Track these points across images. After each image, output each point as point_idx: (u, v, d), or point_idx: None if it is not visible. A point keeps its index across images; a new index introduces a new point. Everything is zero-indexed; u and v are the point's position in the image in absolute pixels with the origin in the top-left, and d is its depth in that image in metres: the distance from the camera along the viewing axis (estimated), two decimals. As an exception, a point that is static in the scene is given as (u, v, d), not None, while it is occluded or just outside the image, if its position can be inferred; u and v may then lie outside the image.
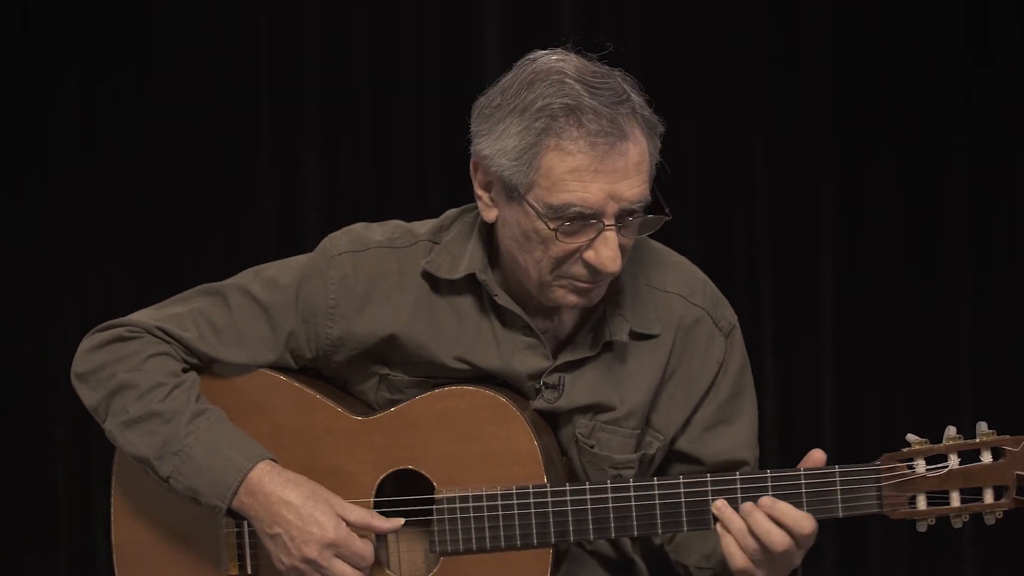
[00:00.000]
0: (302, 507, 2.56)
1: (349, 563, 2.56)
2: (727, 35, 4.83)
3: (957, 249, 4.79)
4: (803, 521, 2.44)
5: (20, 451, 4.89)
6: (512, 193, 2.47)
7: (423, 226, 2.69)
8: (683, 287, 2.68)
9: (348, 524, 2.58)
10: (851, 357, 4.81)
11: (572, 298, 2.53)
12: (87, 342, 2.69)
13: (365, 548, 2.57)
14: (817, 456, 2.49)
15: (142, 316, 2.70)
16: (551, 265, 2.49)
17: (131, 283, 4.85)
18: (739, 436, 2.69)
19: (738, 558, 2.45)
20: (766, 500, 2.45)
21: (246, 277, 2.71)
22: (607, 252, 2.45)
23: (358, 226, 2.71)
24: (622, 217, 2.45)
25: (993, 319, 4.78)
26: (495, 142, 2.46)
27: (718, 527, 2.48)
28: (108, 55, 4.83)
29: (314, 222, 4.76)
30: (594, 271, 2.48)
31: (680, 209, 4.75)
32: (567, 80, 2.43)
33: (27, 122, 4.84)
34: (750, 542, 2.45)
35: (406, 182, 4.77)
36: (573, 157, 2.41)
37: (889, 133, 4.78)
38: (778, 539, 2.43)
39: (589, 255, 2.46)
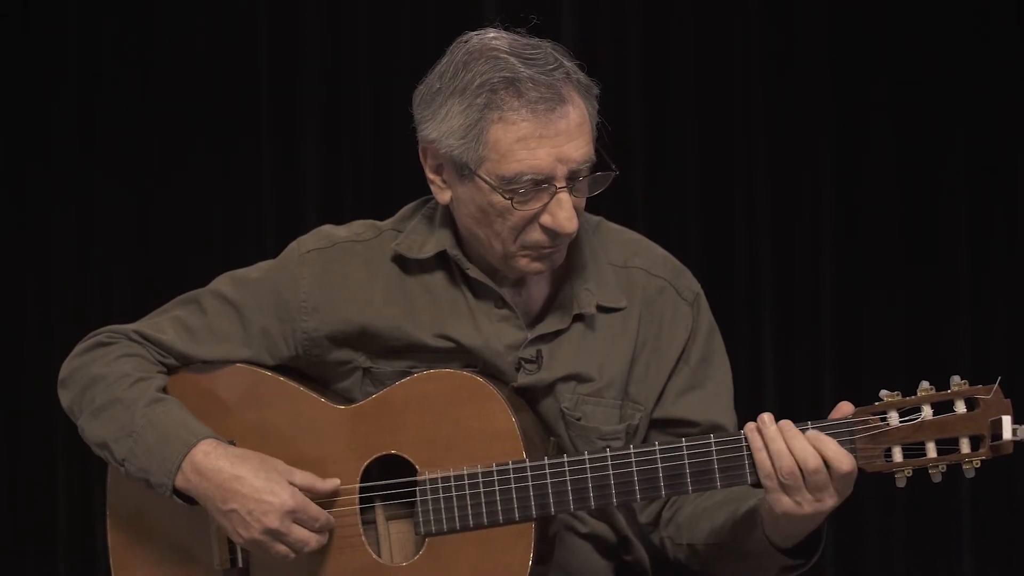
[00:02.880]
0: (255, 479, 2.61)
1: (307, 528, 2.61)
2: (727, 34, 4.83)
3: (957, 247, 4.78)
4: (844, 458, 2.41)
5: (20, 451, 4.89)
6: (463, 171, 2.56)
7: (385, 221, 2.78)
8: (644, 261, 2.74)
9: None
10: (851, 356, 4.80)
11: (536, 265, 2.61)
12: (72, 353, 2.79)
13: (322, 512, 2.62)
14: (845, 409, 2.48)
15: (122, 325, 2.79)
16: (512, 235, 2.58)
17: (131, 282, 4.86)
18: (712, 400, 2.72)
19: (771, 481, 2.43)
20: (811, 431, 2.43)
21: (219, 281, 2.79)
22: (563, 213, 2.54)
23: (324, 227, 2.80)
24: (572, 178, 2.54)
25: (993, 317, 4.77)
26: (440, 124, 2.56)
27: (754, 444, 2.45)
28: (108, 55, 4.84)
29: (314, 221, 4.74)
30: (553, 234, 2.56)
31: (681, 208, 4.80)
32: (501, 55, 2.53)
33: (27, 123, 4.86)
34: (786, 462, 2.42)
35: (406, 182, 4.77)
36: (517, 127, 2.51)
37: (889, 131, 4.78)
38: (814, 465, 2.41)
39: (546, 219, 2.55)
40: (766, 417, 2.47)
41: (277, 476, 2.61)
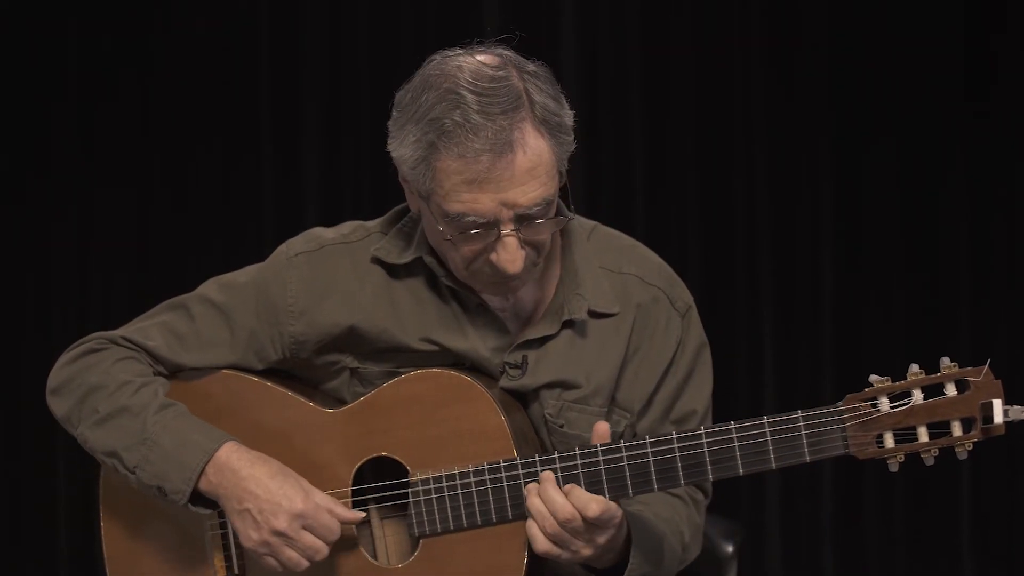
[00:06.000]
0: (270, 481, 2.60)
1: (317, 535, 2.59)
2: (727, 35, 4.84)
3: (958, 245, 4.79)
4: (591, 504, 2.48)
5: (20, 451, 4.90)
6: (421, 193, 2.54)
7: (374, 222, 2.77)
8: (638, 268, 2.72)
9: None
10: (851, 355, 4.81)
11: (492, 290, 2.61)
12: (59, 361, 2.77)
13: (332, 522, 2.60)
14: (602, 430, 2.54)
15: (108, 332, 2.77)
16: (463, 263, 2.56)
17: (131, 284, 4.87)
18: (689, 417, 2.73)
19: (539, 541, 2.50)
20: (567, 486, 2.50)
21: (206, 286, 2.78)
22: (506, 256, 2.50)
23: (314, 229, 2.80)
24: (523, 220, 2.49)
25: (993, 315, 4.78)
26: (399, 147, 2.52)
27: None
28: (108, 55, 4.85)
29: (314, 223, 4.75)
30: (500, 271, 2.53)
31: (681, 207, 4.80)
32: (459, 90, 2.46)
33: (27, 123, 4.87)
34: (550, 523, 2.49)
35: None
36: (461, 170, 2.45)
37: (889, 131, 4.79)
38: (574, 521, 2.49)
39: (493, 257, 2.52)
40: (529, 486, 2.53)
41: (294, 481, 2.61)
